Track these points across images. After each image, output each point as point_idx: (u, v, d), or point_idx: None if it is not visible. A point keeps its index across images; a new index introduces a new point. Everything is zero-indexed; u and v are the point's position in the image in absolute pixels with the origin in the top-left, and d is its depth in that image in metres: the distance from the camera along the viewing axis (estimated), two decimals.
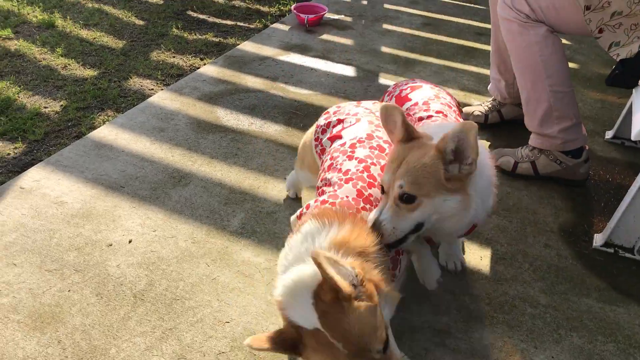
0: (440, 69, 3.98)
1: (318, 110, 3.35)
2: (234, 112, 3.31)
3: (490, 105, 3.27)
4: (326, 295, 1.39)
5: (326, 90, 3.61)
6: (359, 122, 2.01)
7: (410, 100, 2.18)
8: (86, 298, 2.08)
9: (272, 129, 3.17)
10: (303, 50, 4.14)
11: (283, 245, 1.65)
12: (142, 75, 3.85)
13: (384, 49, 4.23)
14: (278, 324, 1.94)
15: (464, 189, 1.66)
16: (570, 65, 4.14)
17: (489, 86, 3.30)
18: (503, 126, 3.27)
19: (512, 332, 2.05)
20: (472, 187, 1.68)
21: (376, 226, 1.65)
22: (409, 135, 1.70)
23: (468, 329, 2.05)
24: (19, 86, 3.65)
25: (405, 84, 2.31)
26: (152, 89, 3.68)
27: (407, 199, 1.65)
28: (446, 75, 3.89)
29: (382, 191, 1.72)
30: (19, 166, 2.92)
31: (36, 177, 2.70)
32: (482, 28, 4.68)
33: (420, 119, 2.05)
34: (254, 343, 1.42)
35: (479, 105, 3.33)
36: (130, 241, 2.34)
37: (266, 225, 2.47)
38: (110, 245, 2.32)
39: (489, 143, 3.15)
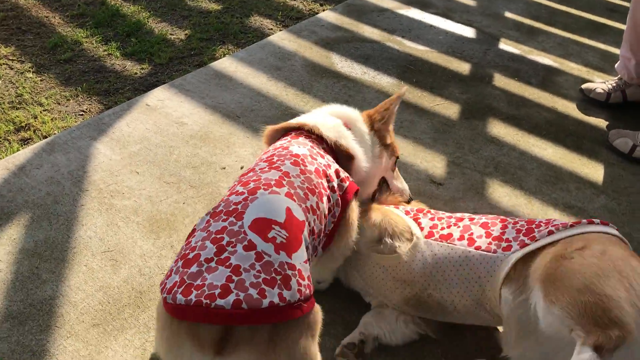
0: (564, 41, 3.82)
1: (432, 68, 3.34)
2: (349, 59, 3.35)
3: (614, 84, 3.13)
4: None
5: (443, 48, 3.57)
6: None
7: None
8: (198, 212, 2.24)
9: (385, 81, 3.19)
10: (423, 6, 4.09)
11: None
12: (263, 14, 3.95)
13: (508, 14, 4.10)
14: None
15: None
16: None
17: (616, 64, 3.15)
18: (625, 108, 3.12)
19: None
20: None
21: None
22: None
23: None
24: (149, 12, 3.85)
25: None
26: (271, 29, 3.78)
27: None
28: (570, 49, 3.73)
29: None
30: (145, 85, 3.12)
31: (161, 96, 2.88)
32: (616, 4, 4.43)
33: None
34: None
35: (602, 82, 3.19)
36: (242, 167, 2.47)
37: None
38: (224, 168, 2.46)
39: (607, 123, 3.02)
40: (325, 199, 1.60)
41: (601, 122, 3.03)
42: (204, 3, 4.03)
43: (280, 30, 3.73)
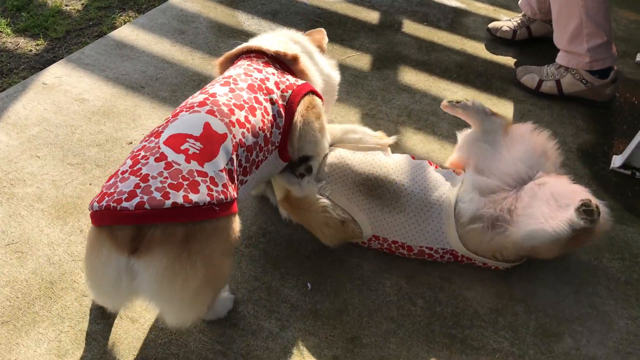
0: None
1: (342, 19, 3.29)
2: (256, 17, 3.25)
3: (519, 21, 3.17)
4: None
5: None
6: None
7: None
8: None
9: None
10: None
11: None
12: None
13: None
14: None
15: None
16: None
17: (519, 1, 3.18)
18: (531, 43, 3.17)
19: None
20: None
21: None
22: None
23: None
24: None
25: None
26: None
27: None
28: None
29: None
30: (41, 62, 2.93)
31: (58, 73, 2.72)
32: None
33: None
34: None
35: (508, 20, 3.23)
36: None
37: None
38: (131, 143, 2.36)
39: (515, 60, 3.07)
40: (259, 112, 1.68)
41: (509, 60, 3.08)
42: None
43: None
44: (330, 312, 1.82)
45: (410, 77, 2.88)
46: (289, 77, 1.88)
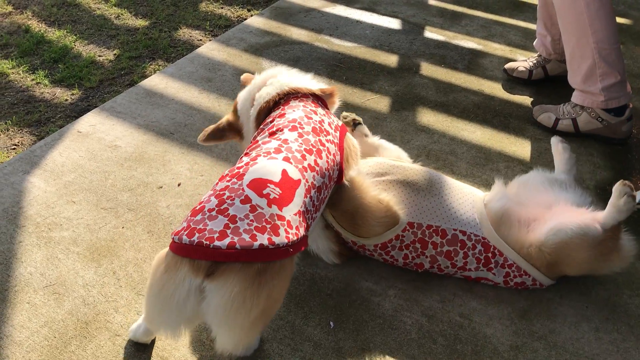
0: (487, 23, 3.94)
1: (362, 64, 3.41)
2: (279, 63, 3.39)
3: (535, 61, 3.25)
4: None
5: (370, 43, 3.64)
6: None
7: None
8: (138, 235, 2.25)
9: None
10: (349, 2, 4.16)
11: None
12: (191, 26, 3.95)
13: (431, 2, 4.20)
14: None
15: None
16: (623, 20, 4.03)
17: (534, 42, 3.27)
18: (547, 83, 3.25)
19: None
20: None
21: None
22: None
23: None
24: (75, 35, 3.81)
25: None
26: (200, 40, 3.79)
27: None
28: (493, 30, 3.85)
29: None
30: (76, 111, 3.10)
31: (92, 122, 2.87)
32: None
33: None
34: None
35: (524, 60, 3.31)
36: (179, 184, 2.49)
37: None
38: (161, 187, 2.48)
39: (531, 99, 3.14)
40: (324, 154, 1.84)
41: (526, 100, 3.15)
42: (130, 20, 4.01)
43: (210, 40, 3.74)
44: (352, 350, 1.88)
45: (429, 118, 2.96)
46: (332, 116, 2.06)
